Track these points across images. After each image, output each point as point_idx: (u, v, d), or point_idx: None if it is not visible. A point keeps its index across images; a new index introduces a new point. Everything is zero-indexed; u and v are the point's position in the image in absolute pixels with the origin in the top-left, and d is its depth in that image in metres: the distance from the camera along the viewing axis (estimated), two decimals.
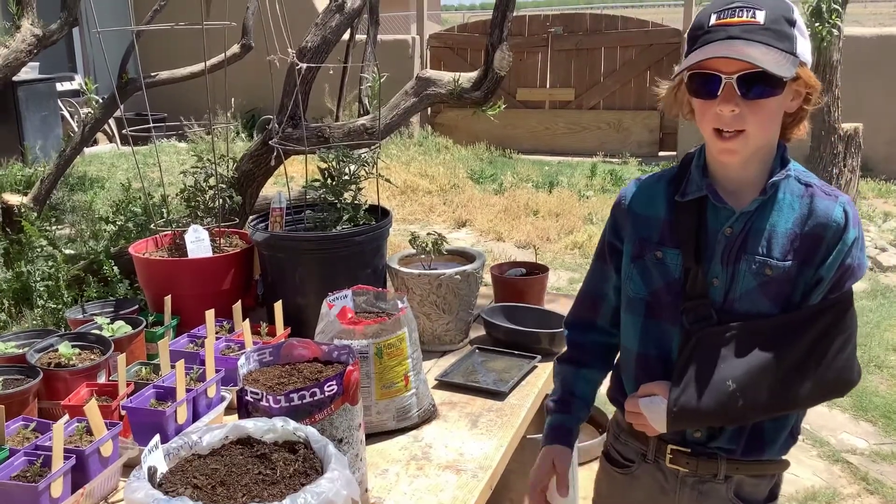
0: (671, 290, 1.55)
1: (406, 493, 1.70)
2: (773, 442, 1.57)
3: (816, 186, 1.51)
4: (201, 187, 2.62)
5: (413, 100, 3.20)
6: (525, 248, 6.83)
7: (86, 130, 5.06)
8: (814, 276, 1.47)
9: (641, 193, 1.63)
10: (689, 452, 1.60)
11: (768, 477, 1.62)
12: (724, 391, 1.47)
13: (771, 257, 1.47)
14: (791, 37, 1.41)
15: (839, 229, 1.46)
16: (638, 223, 1.61)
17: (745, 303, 1.49)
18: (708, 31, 1.42)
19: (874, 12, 25.14)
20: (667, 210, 1.58)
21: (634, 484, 1.69)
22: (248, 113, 11.37)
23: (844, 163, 6.81)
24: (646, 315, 1.59)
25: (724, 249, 1.51)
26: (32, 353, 1.97)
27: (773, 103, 1.42)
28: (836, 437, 3.89)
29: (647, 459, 1.66)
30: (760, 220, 1.49)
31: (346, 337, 1.86)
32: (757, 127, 1.43)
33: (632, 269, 1.61)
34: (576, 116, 11.08)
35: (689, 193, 1.55)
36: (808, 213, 1.48)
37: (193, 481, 1.29)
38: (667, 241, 1.56)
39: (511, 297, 2.65)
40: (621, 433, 1.72)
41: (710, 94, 1.42)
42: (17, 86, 8.95)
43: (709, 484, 1.60)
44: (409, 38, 11.51)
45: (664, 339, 1.57)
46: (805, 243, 1.47)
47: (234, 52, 4.70)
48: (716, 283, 1.51)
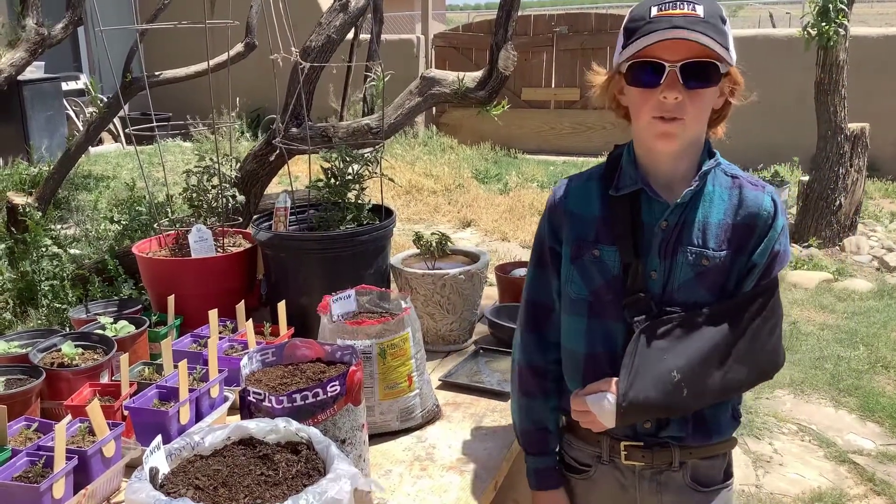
0: (611, 287, 1.56)
1: (410, 493, 1.69)
2: (717, 425, 1.61)
3: (743, 178, 1.56)
4: (205, 187, 2.61)
5: (417, 99, 3.19)
6: (530, 248, 6.82)
7: (91, 130, 5.07)
8: (747, 264, 1.52)
9: (575, 193, 1.64)
10: (642, 446, 1.61)
11: (720, 457, 1.65)
12: (669, 382, 1.49)
13: (707, 248, 1.51)
14: (725, 33, 1.45)
15: (769, 217, 1.52)
16: (574, 223, 1.61)
17: (683, 293, 1.52)
18: (650, 22, 1.45)
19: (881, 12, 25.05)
20: (601, 207, 1.59)
21: (594, 488, 1.69)
22: (253, 112, 11.38)
23: (851, 163, 6.78)
24: (589, 315, 1.60)
25: (662, 242, 1.53)
26: (35, 353, 1.96)
27: (710, 94, 1.47)
28: (842, 437, 3.87)
29: (602, 461, 1.66)
30: (694, 212, 1.53)
31: (350, 337, 1.85)
32: (694, 116, 1.46)
33: (572, 270, 1.61)
34: (581, 116, 11.06)
35: (623, 187, 1.57)
36: (738, 203, 1.53)
37: (195, 482, 1.29)
38: (603, 239, 1.58)
39: (515, 296, 2.63)
40: (573, 439, 1.72)
41: (653, 83, 1.45)
42: (23, 85, 8.97)
43: (665, 473, 1.62)
44: (413, 37, 11.51)
45: (610, 337, 1.58)
46: (738, 232, 1.52)
47: (237, 52, 4.70)
48: (654, 276, 1.53)
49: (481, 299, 2.48)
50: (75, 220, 6.57)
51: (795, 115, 8.42)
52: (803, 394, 4.28)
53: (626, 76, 1.50)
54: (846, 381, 4.37)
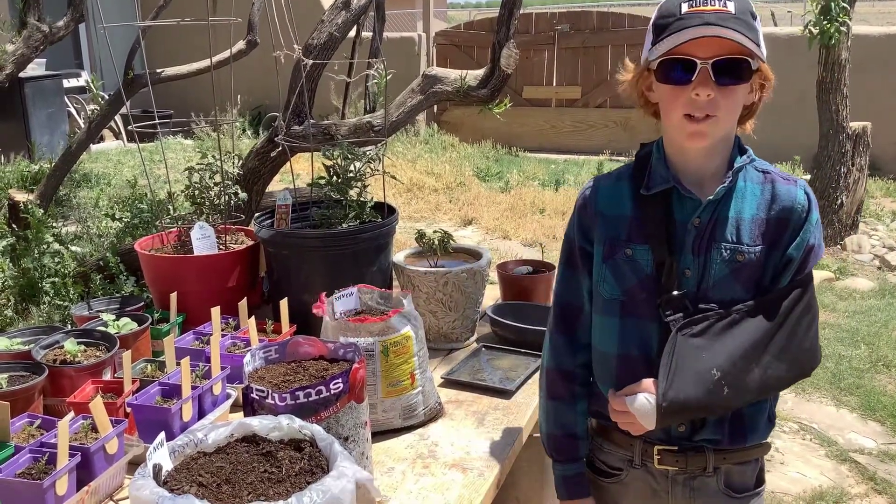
0: (644, 286, 1.55)
1: (412, 491, 1.69)
2: (755, 427, 1.59)
3: (774, 172, 1.56)
4: (207, 184, 2.61)
5: (419, 97, 3.18)
6: (531, 247, 6.82)
7: (92, 127, 5.06)
8: (782, 259, 1.51)
9: (606, 194, 1.63)
10: (676, 450, 1.59)
11: (753, 462, 1.63)
12: (710, 380, 1.48)
13: (741, 243, 1.50)
14: (755, 29, 1.44)
15: (804, 211, 1.51)
16: (606, 223, 1.60)
17: (718, 290, 1.51)
18: (680, 18, 1.44)
19: (882, 11, 25.04)
20: (632, 207, 1.58)
21: (625, 492, 1.68)
22: (255, 110, 11.38)
23: (852, 161, 6.77)
24: (622, 315, 1.58)
25: (695, 240, 1.52)
26: (38, 350, 1.96)
27: (742, 90, 1.46)
28: (843, 436, 3.87)
29: (634, 465, 1.64)
30: (726, 208, 1.52)
31: (353, 334, 1.85)
32: (726, 113, 1.46)
33: (604, 270, 1.60)
34: (582, 114, 11.05)
35: (654, 186, 1.56)
36: (770, 198, 1.52)
37: (199, 479, 1.29)
38: (635, 238, 1.56)
39: (517, 295, 2.64)
40: (603, 442, 1.70)
41: (684, 80, 1.44)
42: (24, 82, 8.97)
43: (699, 479, 1.60)
44: (415, 35, 11.50)
45: (644, 337, 1.56)
46: (772, 227, 1.51)
47: (239, 49, 4.69)
48: (688, 274, 1.52)
49: (483, 297, 2.48)
50: (76, 218, 6.57)
51: (797, 113, 8.42)
52: (804, 392, 4.28)
53: (656, 73, 1.49)
54: (847, 380, 4.37)
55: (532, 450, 2.53)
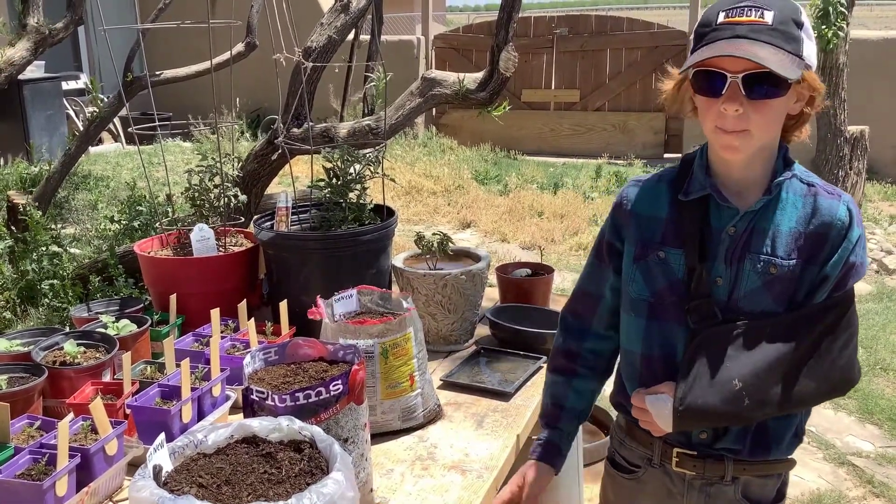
0: (674, 290, 1.54)
1: (411, 493, 1.69)
2: (779, 441, 1.56)
3: (819, 186, 1.52)
4: (207, 186, 2.61)
5: (418, 100, 3.19)
6: (530, 250, 6.82)
7: (91, 129, 5.07)
8: (819, 275, 1.47)
9: (643, 194, 1.63)
10: (695, 455, 1.59)
11: (775, 476, 1.62)
12: (731, 390, 1.46)
13: (775, 256, 1.47)
14: (798, 39, 1.40)
15: (843, 227, 1.46)
16: (641, 224, 1.60)
17: (749, 302, 1.49)
18: (715, 29, 1.42)
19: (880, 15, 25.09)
20: (669, 210, 1.58)
21: (641, 489, 1.68)
22: (253, 113, 11.38)
23: (850, 165, 6.79)
24: (649, 316, 1.58)
25: (728, 249, 1.50)
26: (38, 351, 1.96)
27: (777, 104, 1.42)
28: (841, 439, 3.87)
29: (652, 464, 1.65)
30: (764, 219, 1.50)
31: (352, 336, 1.86)
32: (760, 127, 1.42)
33: (634, 270, 1.60)
34: (581, 118, 11.07)
35: (693, 192, 1.55)
36: (811, 211, 1.48)
37: (199, 480, 1.29)
38: (669, 241, 1.56)
39: (516, 297, 2.64)
40: (626, 438, 1.72)
41: (715, 92, 1.42)
42: (23, 84, 8.97)
43: (716, 486, 1.59)
44: (413, 38, 11.51)
45: (668, 340, 1.56)
46: (809, 242, 1.47)
47: (238, 51, 4.70)
48: (720, 283, 1.51)
49: (482, 300, 2.48)
50: (75, 220, 6.58)
51: None
52: None
53: (691, 82, 1.47)
54: None
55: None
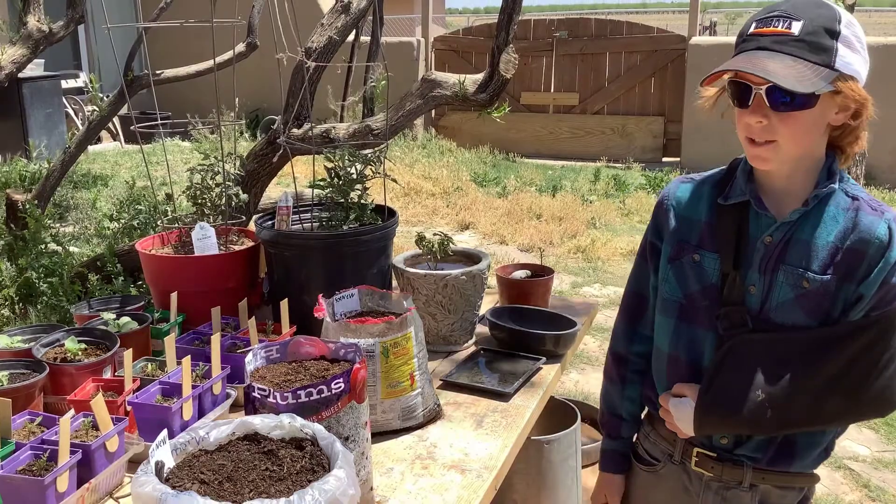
0: (707, 294, 1.54)
1: (411, 492, 1.70)
2: (804, 456, 1.55)
3: (863, 200, 1.48)
4: (208, 185, 2.62)
5: (418, 101, 3.20)
6: (528, 252, 6.83)
7: (91, 127, 5.07)
8: (854, 293, 1.44)
9: (684, 194, 1.63)
10: (714, 457, 1.59)
11: (796, 489, 1.60)
12: (754, 400, 1.45)
13: (809, 270, 1.45)
14: (829, 49, 1.38)
15: (882, 246, 1.42)
16: (678, 224, 1.60)
17: (781, 314, 1.47)
18: (745, 40, 1.43)
19: (878, 22, 25.19)
20: (708, 213, 1.57)
21: (659, 483, 1.70)
22: (252, 113, 11.38)
23: (848, 170, 6.80)
24: (679, 318, 1.59)
25: (763, 258, 1.49)
26: (38, 348, 1.97)
27: (806, 116, 1.40)
28: (838, 443, 3.86)
29: (673, 460, 1.66)
30: (802, 231, 1.47)
31: (353, 335, 1.86)
32: (788, 139, 1.41)
33: (668, 271, 1.60)
34: (580, 121, 11.09)
35: (733, 197, 1.54)
36: (851, 227, 1.45)
37: (200, 476, 1.29)
38: (706, 245, 1.55)
39: (516, 298, 2.65)
40: (651, 432, 1.73)
41: (743, 103, 1.42)
42: (23, 82, 8.97)
43: (733, 490, 1.59)
44: (413, 40, 11.52)
45: (695, 344, 1.56)
46: (846, 258, 1.44)
47: (239, 51, 4.70)
48: (753, 291, 1.50)
49: (482, 300, 2.49)
50: (74, 219, 6.57)
51: None
52: None
53: (727, 90, 1.47)
54: None
55: (529, 452, 2.54)
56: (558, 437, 2.74)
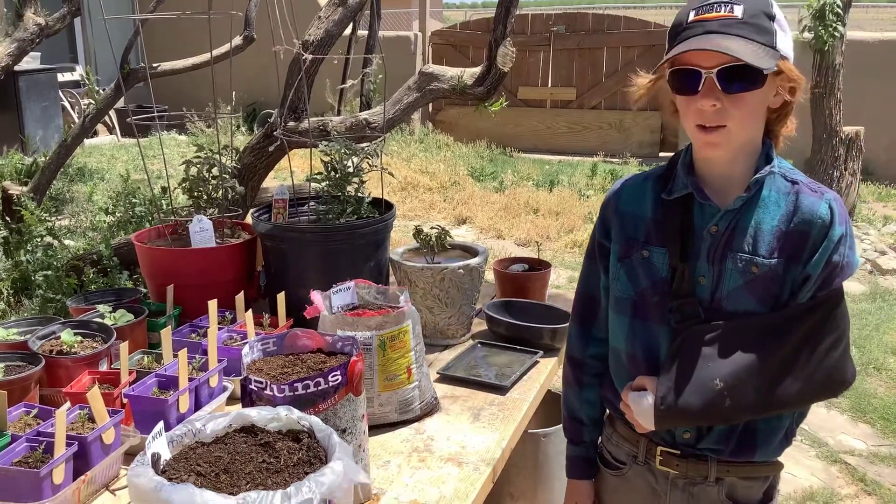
0: (658, 289, 1.54)
1: (408, 484, 1.70)
2: (766, 444, 1.55)
3: (803, 183, 1.50)
4: (204, 177, 2.61)
5: (416, 95, 3.19)
6: (525, 246, 6.83)
7: (87, 121, 5.05)
8: (801, 274, 1.46)
9: (628, 192, 1.63)
10: (678, 454, 1.59)
11: (761, 479, 1.61)
12: (711, 390, 1.46)
13: (757, 255, 1.46)
14: (770, 30, 1.41)
15: (825, 226, 1.45)
16: (625, 222, 1.61)
17: (732, 301, 1.48)
18: (686, 28, 1.43)
19: (876, 17, 25.17)
20: (653, 209, 1.58)
21: (626, 486, 1.69)
22: (249, 107, 11.36)
23: (845, 166, 6.82)
24: (633, 315, 1.59)
25: (710, 247, 1.50)
26: (34, 340, 1.96)
27: (755, 97, 1.42)
28: (834, 438, 3.89)
29: (637, 461, 1.66)
30: (746, 217, 1.49)
31: (350, 328, 1.86)
32: (739, 122, 1.42)
33: (619, 269, 1.60)
34: (577, 116, 11.08)
35: (676, 191, 1.55)
36: (793, 209, 1.47)
37: (197, 468, 1.29)
38: (653, 240, 1.56)
39: (513, 292, 2.64)
40: (613, 434, 1.73)
41: (691, 90, 1.42)
42: (19, 75, 8.94)
43: (699, 486, 1.59)
44: (411, 34, 11.50)
45: (652, 339, 1.56)
46: (791, 240, 1.46)
47: (236, 45, 4.69)
48: (703, 282, 1.50)
49: (479, 294, 2.49)
50: (70, 212, 6.56)
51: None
52: None
53: (668, 82, 1.47)
54: None
55: (526, 446, 2.54)
56: (555, 431, 2.74)
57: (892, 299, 5.67)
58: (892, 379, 4.46)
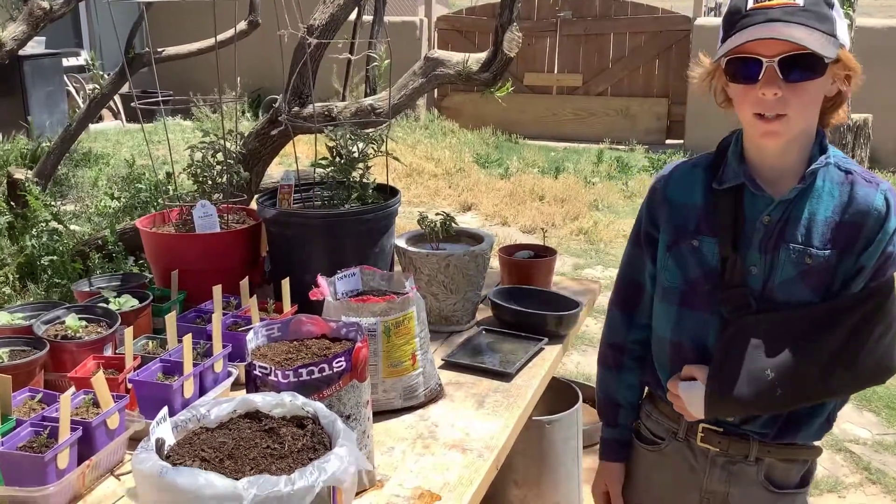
0: (708, 278, 1.53)
1: (412, 470, 1.70)
2: (809, 426, 1.56)
3: (857, 173, 1.49)
4: (209, 162, 2.60)
5: (421, 80, 3.17)
6: (530, 233, 6.82)
7: (92, 106, 5.04)
8: (854, 265, 1.45)
9: (678, 181, 1.61)
10: (720, 432, 1.59)
11: (800, 462, 1.61)
12: (763, 380, 1.45)
13: (811, 246, 1.46)
14: (831, 18, 1.39)
15: (880, 217, 1.44)
16: (674, 211, 1.59)
17: (784, 291, 1.48)
18: (746, 15, 1.40)
19: (884, 4, 25.01)
20: (703, 197, 1.56)
21: (663, 461, 1.69)
22: (254, 92, 11.33)
23: (853, 154, 6.79)
24: (680, 304, 1.58)
25: (763, 238, 1.49)
26: (39, 325, 1.96)
27: (815, 86, 1.41)
28: (839, 426, 3.88)
29: (677, 437, 1.66)
30: (799, 208, 1.47)
31: (355, 314, 1.85)
32: (799, 110, 1.41)
33: (667, 258, 1.59)
34: (583, 102, 11.03)
35: (727, 181, 1.53)
36: (848, 200, 1.46)
37: (201, 454, 1.29)
38: (703, 230, 1.55)
39: (519, 279, 2.64)
40: (653, 411, 1.73)
41: (751, 79, 1.40)
42: (23, 60, 8.92)
43: (739, 465, 1.59)
44: (416, 19, 11.45)
45: (700, 329, 1.56)
46: (845, 231, 1.45)
47: (241, 30, 4.67)
48: (754, 272, 1.50)
49: (485, 281, 2.48)
50: (75, 197, 6.56)
51: None
52: None
53: (725, 71, 1.45)
54: None
55: (531, 433, 2.54)
56: (560, 418, 2.74)
57: None
58: None
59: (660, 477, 1.70)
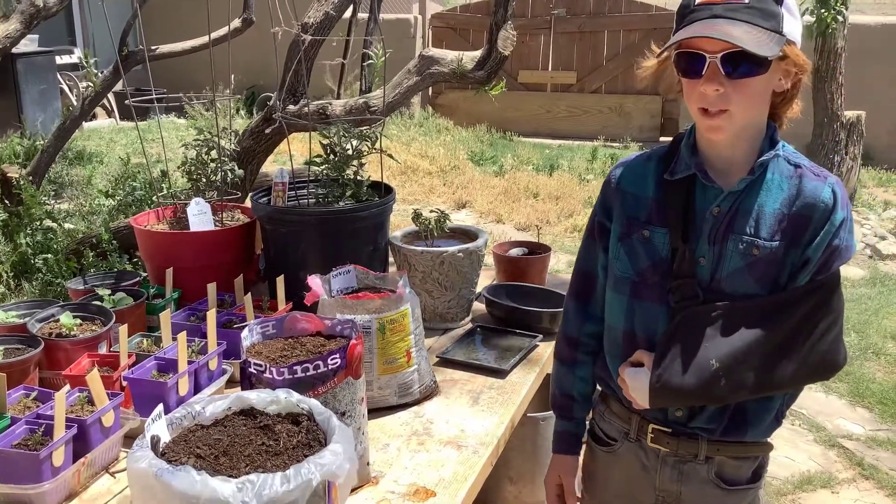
0: (658, 269, 1.55)
1: (407, 467, 1.70)
2: (757, 424, 1.57)
3: (806, 167, 1.51)
4: (203, 160, 2.60)
5: (416, 78, 3.17)
6: (525, 231, 6.82)
7: (85, 104, 5.02)
8: (801, 258, 1.47)
9: (631, 172, 1.63)
10: (669, 432, 1.60)
11: (751, 459, 1.62)
12: (707, 370, 1.47)
13: (758, 237, 1.47)
14: (777, 15, 1.40)
15: (827, 210, 1.46)
16: (626, 202, 1.61)
17: (731, 283, 1.49)
18: (693, 10, 1.42)
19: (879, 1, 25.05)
20: (655, 189, 1.58)
21: (617, 462, 1.70)
22: (248, 90, 11.31)
23: (846, 150, 6.80)
24: (632, 294, 1.59)
25: (712, 229, 1.50)
26: (34, 323, 1.96)
27: (759, 82, 1.42)
28: (832, 422, 3.90)
29: (629, 438, 1.67)
30: (748, 200, 1.49)
31: (350, 311, 1.86)
32: (741, 106, 1.42)
33: (619, 249, 1.60)
34: (577, 100, 11.03)
35: (678, 172, 1.55)
36: (796, 193, 1.48)
37: (196, 451, 1.29)
38: (654, 220, 1.56)
39: (513, 276, 2.64)
40: (605, 411, 1.73)
41: (696, 74, 1.42)
42: (16, 58, 8.88)
43: (689, 464, 1.60)
44: (411, 17, 11.44)
45: (650, 319, 1.57)
46: (792, 224, 1.47)
47: (235, 27, 4.66)
48: (703, 263, 1.51)
49: (479, 278, 2.49)
50: (69, 195, 6.54)
51: None
52: None
53: (675, 65, 1.47)
54: None
55: (525, 429, 2.55)
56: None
57: (892, 284, 5.67)
58: (891, 363, 4.47)
59: (617, 476, 1.71)
